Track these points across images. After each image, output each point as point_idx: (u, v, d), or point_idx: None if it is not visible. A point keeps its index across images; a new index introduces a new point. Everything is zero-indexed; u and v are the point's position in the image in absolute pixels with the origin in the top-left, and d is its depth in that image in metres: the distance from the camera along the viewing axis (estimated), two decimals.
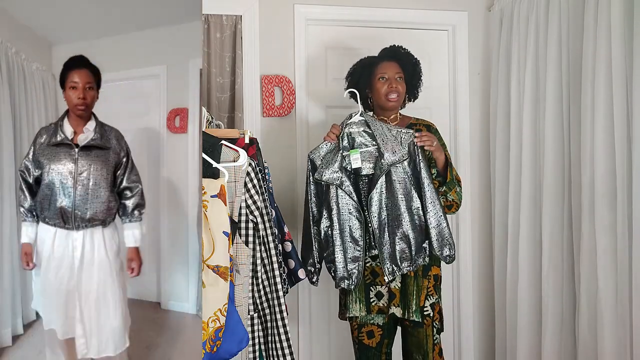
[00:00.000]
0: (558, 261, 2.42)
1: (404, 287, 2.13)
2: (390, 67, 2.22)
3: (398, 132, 2.10)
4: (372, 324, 2.21)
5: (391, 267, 2.06)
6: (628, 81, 2.04)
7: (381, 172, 2.04)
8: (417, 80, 2.30)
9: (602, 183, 2.12)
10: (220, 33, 2.71)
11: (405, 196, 2.04)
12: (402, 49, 2.28)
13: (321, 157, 2.15)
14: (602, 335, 2.11)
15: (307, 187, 2.19)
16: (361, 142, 2.14)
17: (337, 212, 2.07)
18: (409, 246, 2.05)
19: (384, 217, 2.06)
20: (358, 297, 2.16)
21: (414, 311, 2.11)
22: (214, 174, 1.80)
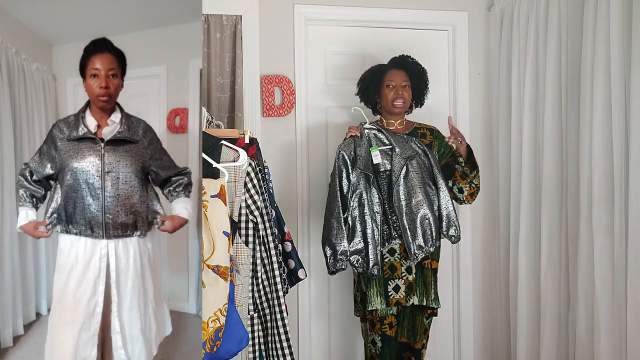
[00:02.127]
0: (556, 261, 2.42)
1: (422, 277, 2.32)
2: (397, 75, 2.38)
3: (403, 138, 2.34)
4: (391, 314, 2.34)
5: (416, 247, 2.21)
6: (626, 81, 2.04)
7: (401, 166, 2.24)
8: (424, 88, 2.46)
9: (599, 183, 2.13)
10: (220, 33, 2.71)
11: (422, 185, 2.23)
12: (410, 59, 2.43)
13: (351, 151, 2.30)
14: (598, 335, 2.11)
15: (338, 180, 2.27)
16: (378, 143, 2.35)
17: (368, 202, 2.21)
18: (430, 228, 2.22)
19: (404, 205, 2.22)
20: (378, 291, 2.28)
21: (434, 299, 2.32)
22: (214, 174, 1.80)
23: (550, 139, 2.42)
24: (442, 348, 2.90)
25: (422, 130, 2.44)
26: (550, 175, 2.42)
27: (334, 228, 2.22)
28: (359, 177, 2.25)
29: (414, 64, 2.43)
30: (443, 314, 2.76)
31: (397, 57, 2.45)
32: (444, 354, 2.91)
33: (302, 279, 2.08)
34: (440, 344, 2.88)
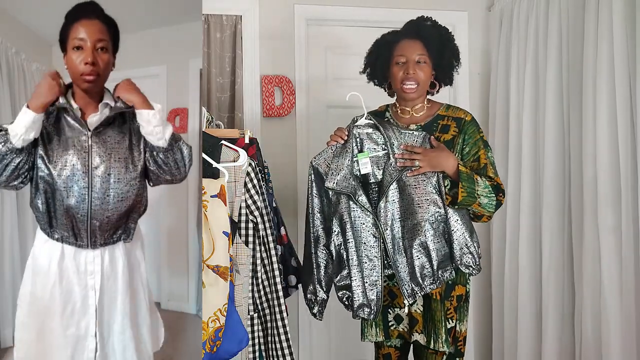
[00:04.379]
0: (559, 262, 2.41)
1: (428, 311, 1.80)
2: (410, 48, 1.84)
3: (410, 135, 1.80)
4: (390, 346, 1.96)
5: (410, 287, 1.73)
6: (631, 79, 2.04)
7: (391, 179, 1.74)
8: (451, 60, 1.88)
9: (605, 183, 2.12)
10: (220, 33, 2.71)
11: (423, 202, 1.71)
12: (429, 21, 1.89)
13: (327, 163, 1.83)
14: (608, 336, 2.09)
15: (310, 201, 1.87)
16: (370, 147, 1.84)
17: (351, 227, 1.75)
18: (430, 260, 1.71)
19: (397, 229, 1.75)
20: (374, 322, 1.87)
21: (444, 341, 1.76)
22: (214, 174, 1.80)
23: (551, 139, 2.42)
24: None
25: (444, 121, 1.85)
26: (552, 175, 2.42)
27: (305, 266, 1.90)
28: (338, 195, 1.78)
29: (433, 29, 1.86)
30: None
31: (413, 20, 1.91)
32: None
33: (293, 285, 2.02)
34: None
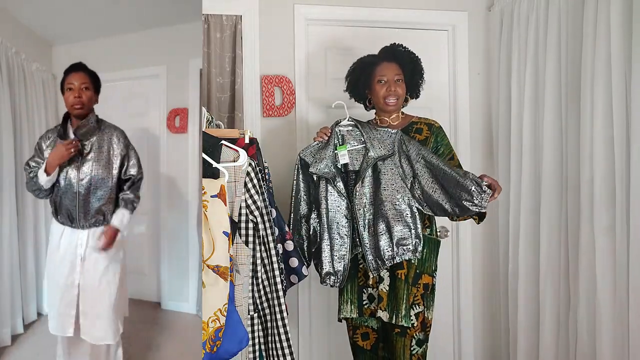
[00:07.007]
0: (555, 262, 2.42)
1: (394, 290, 2.09)
2: (389, 69, 2.19)
3: (385, 132, 2.15)
4: (367, 326, 2.21)
5: (375, 261, 2.06)
6: (627, 81, 2.04)
7: (367, 166, 2.07)
8: (418, 79, 2.25)
9: (600, 183, 2.12)
10: (220, 33, 2.71)
11: (389, 187, 2.05)
12: (401, 48, 2.24)
13: (313, 154, 2.17)
14: (600, 335, 2.11)
15: (296, 185, 2.20)
16: (350, 141, 2.19)
17: (325, 207, 2.10)
18: (391, 238, 2.04)
19: (369, 211, 2.08)
20: (350, 298, 2.15)
21: (404, 316, 2.05)
22: (214, 174, 1.80)
23: (550, 139, 2.42)
24: (442, 348, 2.89)
25: (418, 125, 2.23)
26: (550, 175, 2.42)
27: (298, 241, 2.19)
28: (319, 179, 2.13)
29: (405, 54, 2.22)
30: (443, 315, 2.76)
31: (388, 46, 2.25)
32: (444, 354, 2.91)
33: (306, 275, 2.10)
34: (441, 344, 2.88)
